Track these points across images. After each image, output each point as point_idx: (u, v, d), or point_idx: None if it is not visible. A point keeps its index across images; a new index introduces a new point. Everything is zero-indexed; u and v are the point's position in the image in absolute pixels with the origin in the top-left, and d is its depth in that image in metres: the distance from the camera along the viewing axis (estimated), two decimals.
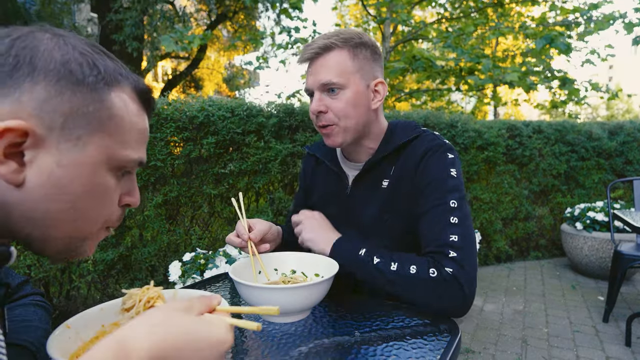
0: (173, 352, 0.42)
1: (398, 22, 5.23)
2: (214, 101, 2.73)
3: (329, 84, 1.02)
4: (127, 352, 0.39)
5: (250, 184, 2.86)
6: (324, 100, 1.04)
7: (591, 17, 5.03)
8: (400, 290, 0.94)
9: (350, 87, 1.03)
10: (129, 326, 0.43)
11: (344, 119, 1.04)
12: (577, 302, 3.34)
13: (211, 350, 0.46)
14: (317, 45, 1.02)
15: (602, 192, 4.67)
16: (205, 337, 0.45)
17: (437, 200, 0.99)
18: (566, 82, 5.11)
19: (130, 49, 6.81)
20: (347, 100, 1.03)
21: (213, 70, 13.83)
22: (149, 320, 0.44)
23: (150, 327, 0.43)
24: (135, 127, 0.55)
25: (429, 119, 3.70)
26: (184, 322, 0.45)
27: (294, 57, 6.76)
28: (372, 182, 1.11)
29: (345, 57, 1.02)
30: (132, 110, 0.54)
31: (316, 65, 1.04)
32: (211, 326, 0.47)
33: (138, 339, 0.41)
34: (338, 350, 0.79)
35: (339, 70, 1.02)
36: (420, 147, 1.06)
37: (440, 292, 0.90)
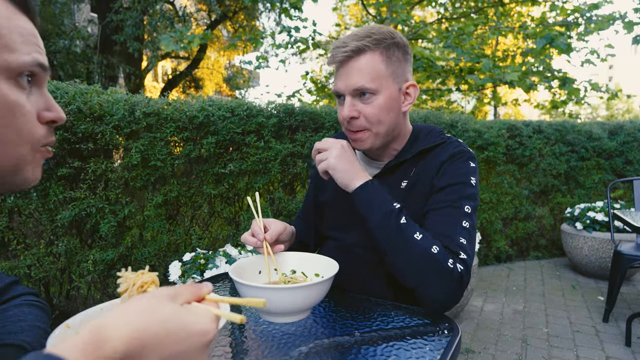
0: (152, 342, 0.41)
1: (398, 22, 5.23)
2: (214, 101, 2.73)
3: (361, 89, 0.98)
4: (102, 341, 0.38)
5: (250, 184, 2.86)
6: (356, 105, 1.01)
7: (591, 17, 5.02)
8: (409, 261, 0.92)
9: (383, 92, 1.00)
10: (109, 313, 0.42)
11: (376, 124, 1.01)
12: (577, 302, 3.34)
13: (193, 340, 0.44)
14: (350, 48, 0.97)
15: (602, 192, 4.67)
16: (187, 327, 0.44)
17: (453, 202, 0.99)
18: (566, 82, 5.10)
19: (131, 49, 6.81)
20: (380, 105, 1.00)
21: (213, 70, 13.83)
22: (129, 308, 0.43)
23: (129, 315, 0.41)
24: (16, 30, 0.51)
25: (429, 119, 3.69)
26: (165, 311, 0.44)
27: (294, 57, 6.76)
28: (392, 182, 1.10)
29: (378, 61, 0.99)
30: (5, 14, 0.51)
31: (347, 68, 0.99)
32: (194, 316, 0.45)
33: (115, 328, 0.40)
34: (338, 350, 0.79)
35: (372, 75, 0.98)
36: (445, 152, 1.07)
37: (447, 284, 0.90)
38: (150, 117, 2.47)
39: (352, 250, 1.14)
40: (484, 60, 4.81)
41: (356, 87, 0.98)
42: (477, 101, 7.81)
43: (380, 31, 1.00)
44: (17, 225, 2.36)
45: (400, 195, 1.08)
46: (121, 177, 2.46)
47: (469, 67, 5.38)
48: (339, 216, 1.19)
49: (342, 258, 1.02)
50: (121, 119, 2.38)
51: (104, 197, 2.41)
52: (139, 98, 2.52)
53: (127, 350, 0.39)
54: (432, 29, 5.90)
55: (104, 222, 2.37)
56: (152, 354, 0.41)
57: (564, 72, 5.42)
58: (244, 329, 0.90)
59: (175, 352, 0.43)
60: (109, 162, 2.41)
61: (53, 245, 2.34)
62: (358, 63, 0.98)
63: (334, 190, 1.20)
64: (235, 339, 0.85)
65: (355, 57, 0.98)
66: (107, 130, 2.33)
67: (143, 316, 0.42)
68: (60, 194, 2.30)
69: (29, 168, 0.54)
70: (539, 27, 5.46)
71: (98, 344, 0.38)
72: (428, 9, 10.78)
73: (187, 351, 0.44)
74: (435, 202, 1.02)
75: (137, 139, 2.47)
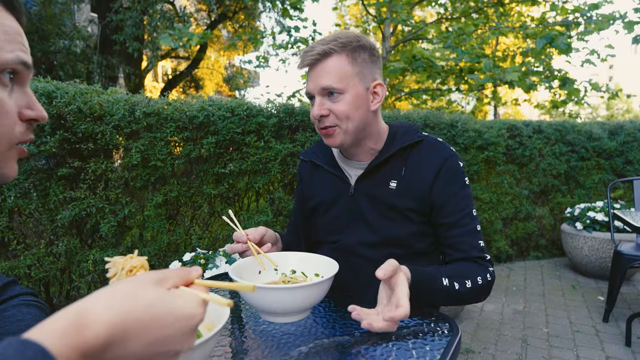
0: (135, 326, 0.40)
1: (398, 22, 5.23)
2: (214, 101, 2.73)
3: (329, 88, 1.04)
4: (84, 324, 0.37)
5: (250, 183, 2.86)
6: (325, 104, 1.06)
7: (591, 17, 5.02)
8: (474, 300, 1.06)
9: (350, 91, 1.05)
10: (91, 297, 0.41)
11: (345, 121, 1.07)
12: (577, 302, 3.34)
13: (179, 324, 0.43)
14: (317, 52, 1.04)
15: (602, 192, 4.66)
16: (173, 311, 0.43)
17: (463, 211, 1.11)
18: (566, 82, 5.10)
19: (131, 49, 6.81)
20: (348, 102, 1.05)
21: (213, 70, 13.83)
22: (113, 292, 0.41)
23: (111, 299, 0.40)
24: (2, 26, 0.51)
25: (429, 119, 3.69)
26: (150, 295, 0.42)
27: (294, 57, 6.76)
28: (378, 181, 1.14)
29: (344, 62, 1.05)
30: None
31: (316, 70, 1.06)
32: (180, 300, 0.44)
33: (97, 312, 0.39)
34: (338, 350, 0.79)
35: (338, 75, 1.04)
36: (434, 155, 1.13)
37: (488, 292, 1.08)
38: (151, 117, 2.47)
39: (353, 250, 1.16)
40: (484, 60, 4.80)
41: (324, 87, 1.04)
42: (477, 101, 7.80)
43: (346, 35, 1.06)
44: (17, 225, 2.36)
45: (390, 194, 1.12)
46: (121, 177, 2.46)
47: (469, 67, 5.38)
48: (333, 219, 1.21)
49: (343, 259, 1.03)
50: (121, 119, 2.38)
51: (104, 197, 2.41)
52: (139, 98, 2.52)
53: (110, 335, 0.38)
54: (432, 29, 5.89)
55: (104, 222, 2.37)
56: (136, 339, 0.40)
57: (564, 72, 5.42)
58: (244, 329, 0.90)
59: (161, 336, 0.42)
60: (109, 162, 2.41)
61: (53, 245, 2.34)
62: (325, 65, 1.05)
63: (323, 195, 1.23)
64: (235, 339, 0.85)
65: (323, 59, 1.05)
66: (107, 130, 2.33)
67: (126, 300, 0.41)
68: (60, 194, 2.30)
69: (3, 164, 0.54)
70: (539, 27, 5.46)
71: (79, 328, 0.37)
72: (428, 9, 10.78)
73: (174, 335, 0.43)
74: (449, 215, 1.11)
75: (137, 139, 2.47)
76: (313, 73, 1.07)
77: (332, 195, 1.21)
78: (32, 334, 0.35)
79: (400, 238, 1.12)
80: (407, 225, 1.11)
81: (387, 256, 1.12)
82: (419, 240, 1.13)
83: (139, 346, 0.41)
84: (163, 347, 0.43)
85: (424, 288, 0.93)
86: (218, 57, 13.88)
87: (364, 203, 1.15)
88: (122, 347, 0.40)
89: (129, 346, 0.40)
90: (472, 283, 1.02)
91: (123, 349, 0.40)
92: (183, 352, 0.45)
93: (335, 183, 1.21)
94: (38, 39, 6.98)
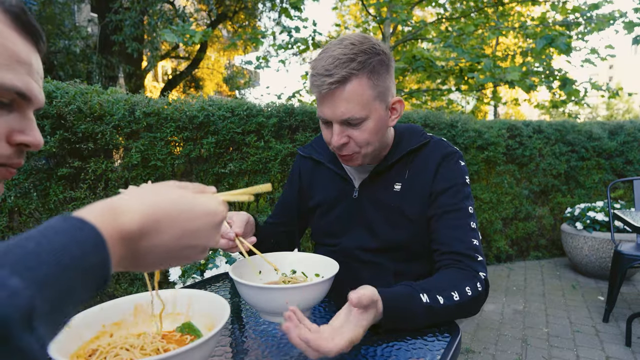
0: (166, 219, 0.44)
1: (398, 22, 5.22)
2: (214, 101, 2.73)
3: (350, 119, 0.95)
4: (120, 211, 0.40)
5: (250, 183, 2.86)
6: (344, 132, 0.98)
7: (591, 17, 5.02)
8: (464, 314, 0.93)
9: (372, 116, 0.97)
10: (121, 194, 0.44)
11: (366, 146, 1.00)
12: (577, 302, 3.34)
13: (205, 219, 0.47)
14: (335, 79, 0.91)
15: (602, 192, 4.66)
16: (198, 207, 0.47)
17: (456, 205, 1.03)
18: (566, 83, 5.10)
19: (130, 49, 6.80)
20: (370, 129, 0.98)
21: (213, 70, 13.83)
22: (142, 190, 0.46)
23: (142, 195, 0.44)
24: (3, 50, 0.49)
25: (429, 119, 3.69)
26: (176, 193, 0.46)
27: (294, 57, 6.76)
28: (383, 185, 1.11)
29: (364, 86, 0.93)
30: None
31: (334, 98, 0.94)
32: (203, 198, 0.49)
33: (130, 202, 0.42)
34: None
35: (360, 103, 0.93)
36: (436, 153, 1.09)
37: (481, 302, 0.95)
38: (151, 117, 2.47)
39: (353, 254, 1.14)
40: (485, 60, 4.80)
41: (344, 118, 0.95)
42: (477, 101, 7.80)
43: (363, 50, 0.93)
44: (17, 225, 2.36)
45: (394, 198, 1.09)
46: (121, 177, 2.46)
47: (469, 67, 5.38)
48: (333, 222, 1.18)
49: (342, 262, 1.01)
50: (121, 118, 2.38)
51: (104, 197, 2.40)
52: (139, 98, 2.51)
53: (144, 223, 0.41)
54: (432, 29, 5.89)
55: None
56: (167, 230, 0.44)
57: (564, 72, 5.42)
58: (244, 329, 0.90)
59: (188, 229, 0.46)
60: (109, 162, 2.41)
61: None
62: (344, 92, 0.92)
63: (324, 195, 1.20)
64: (235, 339, 0.85)
65: (341, 86, 0.92)
66: (107, 130, 2.33)
67: (155, 196, 0.44)
68: (60, 193, 2.30)
69: None
70: (539, 27, 5.46)
71: (115, 213, 0.40)
72: (428, 9, 10.78)
73: (200, 229, 0.47)
74: (440, 207, 1.04)
75: (137, 138, 2.47)
76: (330, 100, 0.94)
77: (333, 195, 1.18)
78: (74, 213, 0.37)
79: (402, 242, 1.09)
80: (408, 228, 1.08)
81: (386, 260, 1.11)
82: (419, 243, 1.09)
83: (170, 237, 0.44)
84: (192, 240, 0.46)
85: (400, 313, 0.82)
86: (218, 57, 13.88)
87: (369, 208, 1.11)
88: (156, 236, 0.43)
89: (161, 236, 0.43)
90: (461, 295, 0.89)
91: (157, 238, 0.43)
92: (209, 247, 0.49)
93: (337, 182, 1.17)
94: None
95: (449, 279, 0.93)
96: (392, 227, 1.09)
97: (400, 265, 1.11)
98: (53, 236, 0.33)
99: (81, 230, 0.35)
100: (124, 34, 6.67)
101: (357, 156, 1.03)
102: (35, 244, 0.31)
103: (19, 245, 0.31)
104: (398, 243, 1.09)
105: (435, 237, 1.04)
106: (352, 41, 0.94)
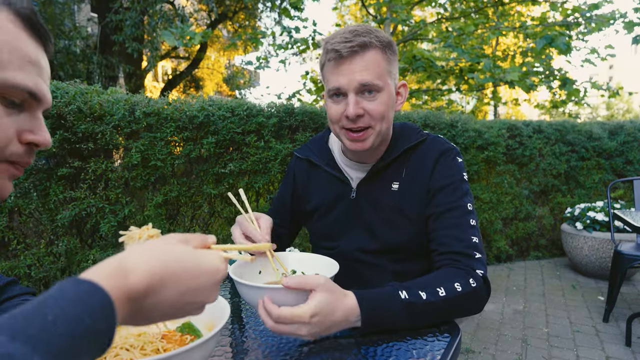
0: (170, 277, 0.45)
1: (398, 22, 5.23)
2: (214, 101, 2.73)
3: (369, 84, 0.95)
4: (129, 270, 0.42)
5: (250, 183, 2.86)
6: (360, 102, 0.97)
7: (591, 17, 5.02)
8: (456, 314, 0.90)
9: (386, 89, 0.98)
10: (130, 249, 0.45)
11: (379, 121, 0.99)
12: (577, 302, 3.34)
13: (207, 277, 0.49)
14: (357, 43, 0.93)
15: (602, 192, 4.66)
16: (200, 265, 0.48)
17: (455, 202, 1.02)
18: (566, 83, 5.10)
19: (130, 49, 6.80)
20: (384, 102, 0.98)
21: (213, 70, 13.83)
22: (148, 247, 0.46)
23: (149, 252, 0.45)
24: (15, 51, 0.51)
25: (429, 119, 3.69)
26: (181, 251, 0.48)
27: (294, 57, 6.76)
28: (380, 185, 1.10)
29: (380, 58, 0.97)
30: (9, 31, 0.50)
31: (353, 63, 0.95)
32: (206, 256, 0.50)
33: (139, 260, 0.43)
34: (338, 350, 0.79)
35: (377, 71, 0.96)
36: (433, 150, 1.08)
37: (479, 302, 0.92)
38: (151, 117, 2.47)
39: (353, 256, 1.13)
40: (485, 60, 4.80)
41: (364, 82, 0.95)
42: (477, 101, 7.80)
43: (376, 30, 0.99)
44: (17, 225, 2.36)
45: (392, 197, 1.08)
46: (121, 177, 2.46)
47: (469, 67, 5.38)
48: (331, 224, 1.17)
49: (342, 264, 1.00)
50: (121, 118, 2.38)
51: (104, 197, 2.41)
52: (139, 98, 2.51)
53: (150, 282, 0.43)
54: (432, 29, 5.89)
55: (104, 222, 2.37)
56: (171, 288, 0.45)
57: (565, 72, 5.42)
58: (244, 329, 0.90)
59: (191, 287, 0.47)
60: (109, 162, 2.41)
61: (53, 245, 2.34)
62: (364, 59, 0.95)
63: (322, 198, 1.18)
64: (235, 339, 0.85)
65: (362, 52, 0.95)
66: (107, 130, 2.33)
67: (161, 254, 0.46)
68: (60, 193, 2.30)
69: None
70: (539, 27, 5.46)
71: (124, 273, 0.41)
72: (428, 9, 10.78)
73: (201, 287, 0.48)
74: (439, 205, 1.03)
75: (137, 138, 2.47)
76: (347, 66, 0.95)
77: (330, 197, 1.16)
78: (82, 275, 0.39)
79: (401, 243, 1.09)
80: (408, 229, 1.07)
81: (386, 261, 1.11)
82: (418, 243, 1.09)
83: (173, 294, 0.46)
84: (193, 297, 0.48)
85: (377, 312, 0.80)
86: (218, 57, 13.88)
87: (367, 209, 1.10)
88: (160, 294, 0.44)
89: (165, 294, 0.45)
90: (448, 290, 0.85)
91: (160, 296, 0.44)
92: (208, 303, 0.51)
93: (334, 184, 1.16)
94: None
95: (438, 276, 0.91)
96: (391, 228, 1.08)
97: (400, 266, 1.10)
98: (68, 306, 0.35)
99: (93, 297, 0.37)
100: (124, 33, 6.66)
101: (371, 132, 1.00)
102: (53, 315, 0.33)
103: (37, 315, 0.33)
104: (397, 244, 1.09)
105: (433, 237, 1.03)
106: (365, 25, 1.00)
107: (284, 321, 0.73)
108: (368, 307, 0.80)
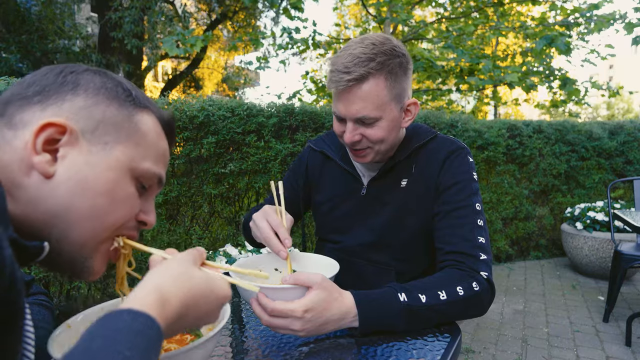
0: (193, 304, 0.49)
1: (398, 22, 5.23)
2: (214, 101, 2.73)
3: (363, 119, 0.97)
4: (165, 300, 0.45)
5: (250, 183, 2.86)
6: (358, 129, 0.99)
7: (591, 17, 5.02)
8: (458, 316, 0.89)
9: (386, 117, 0.98)
10: (159, 276, 0.48)
11: (379, 144, 1.01)
12: (577, 302, 3.34)
13: (218, 302, 0.54)
14: (353, 77, 0.92)
15: (602, 192, 4.66)
16: (214, 291, 0.53)
17: (463, 201, 1.01)
18: (567, 83, 5.10)
19: (129, 46, 6.79)
20: (383, 128, 0.99)
21: (213, 70, 13.83)
22: (172, 272, 0.50)
23: (175, 280, 0.49)
24: (157, 146, 0.61)
25: (429, 119, 3.69)
26: (198, 276, 0.52)
27: (294, 57, 6.75)
28: (391, 182, 1.10)
29: (381, 86, 0.94)
30: (155, 131, 0.62)
31: (350, 95, 0.95)
32: (219, 281, 0.55)
33: (172, 290, 0.47)
34: (338, 350, 0.79)
35: (375, 103, 0.95)
36: (442, 148, 1.08)
37: (482, 304, 0.91)
38: None
39: (357, 253, 1.13)
40: (484, 61, 4.80)
41: (359, 117, 0.96)
42: (477, 101, 7.80)
43: (382, 50, 0.94)
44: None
45: (400, 194, 1.09)
46: None
47: (469, 67, 5.37)
48: (339, 219, 1.17)
49: (346, 260, 1.00)
50: None
51: None
52: None
53: (180, 312, 0.47)
54: (432, 29, 5.89)
55: None
56: (191, 314, 0.49)
57: (565, 71, 5.42)
58: (244, 329, 0.90)
59: (205, 311, 0.52)
60: None
61: None
62: (360, 91, 0.94)
63: (332, 191, 1.19)
64: (235, 339, 0.85)
65: (358, 85, 0.93)
66: None
67: (186, 281, 0.49)
68: None
69: (98, 257, 0.57)
70: (539, 27, 5.46)
71: (163, 303, 0.44)
72: (428, 9, 10.78)
73: (212, 310, 0.53)
74: (446, 203, 1.02)
75: None
76: (346, 97, 0.96)
77: (341, 192, 1.17)
78: (130, 305, 0.42)
79: (406, 242, 1.09)
80: (414, 227, 1.07)
81: (390, 259, 1.11)
82: (423, 242, 1.09)
83: (192, 318, 0.50)
84: (205, 319, 0.53)
85: (375, 313, 0.81)
86: (218, 57, 13.88)
87: (376, 206, 1.11)
88: (183, 319, 0.48)
89: (187, 318, 0.49)
90: (449, 294, 0.85)
91: (184, 321, 0.49)
92: (211, 322, 0.56)
93: (345, 179, 1.17)
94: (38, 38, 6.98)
95: (440, 278, 0.91)
96: (397, 226, 1.09)
97: (404, 265, 1.11)
98: (138, 341, 0.38)
99: (152, 330, 0.40)
100: (124, 30, 6.66)
101: (370, 152, 1.03)
102: (129, 351, 0.36)
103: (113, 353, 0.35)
104: (402, 242, 1.09)
105: (438, 235, 1.02)
106: (373, 41, 0.96)
107: (278, 314, 0.74)
108: (365, 307, 0.81)
